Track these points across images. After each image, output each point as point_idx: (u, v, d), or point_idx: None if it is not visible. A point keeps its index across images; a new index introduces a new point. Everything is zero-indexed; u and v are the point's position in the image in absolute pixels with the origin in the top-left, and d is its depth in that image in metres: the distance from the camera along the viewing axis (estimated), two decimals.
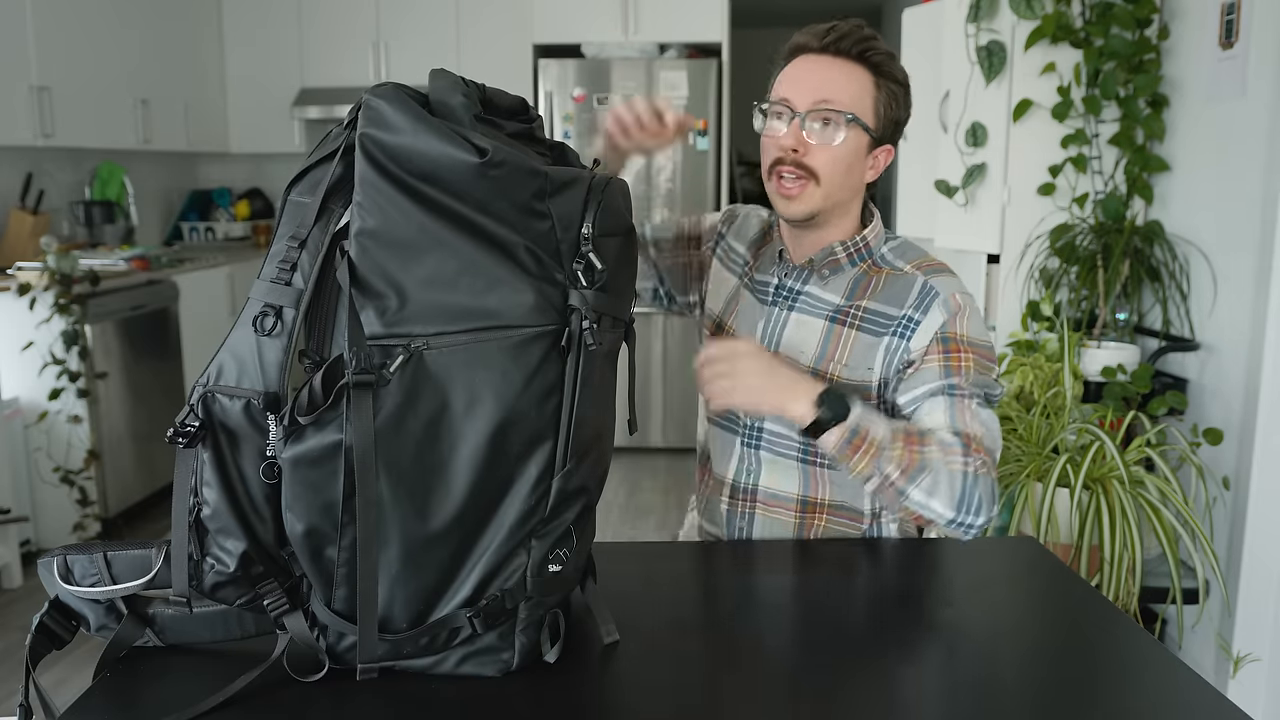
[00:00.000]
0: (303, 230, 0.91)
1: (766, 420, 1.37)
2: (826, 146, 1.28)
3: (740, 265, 1.46)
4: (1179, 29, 2.51)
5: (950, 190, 2.90)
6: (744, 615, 1.12)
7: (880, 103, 1.30)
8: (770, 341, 1.37)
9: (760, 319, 1.39)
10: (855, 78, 1.29)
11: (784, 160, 1.29)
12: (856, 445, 1.18)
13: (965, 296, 1.32)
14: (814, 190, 1.29)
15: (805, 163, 1.29)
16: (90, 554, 0.97)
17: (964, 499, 1.18)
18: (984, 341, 1.31)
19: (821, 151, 1.28)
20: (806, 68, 1.31)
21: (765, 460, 1.38)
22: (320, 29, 5.10)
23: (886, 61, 1.31)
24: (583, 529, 0.99)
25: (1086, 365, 2.47)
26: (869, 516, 1.38)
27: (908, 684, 0.97)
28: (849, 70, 1.29)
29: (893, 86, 1.31)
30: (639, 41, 4.71)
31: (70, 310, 3.33)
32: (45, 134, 3.74)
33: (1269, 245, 2.12)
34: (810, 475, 1.36)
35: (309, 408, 0.87)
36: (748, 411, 1.36)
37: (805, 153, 1.28)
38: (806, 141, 1.28)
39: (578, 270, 0.92)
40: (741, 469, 1.40)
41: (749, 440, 1.39)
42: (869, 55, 1.29)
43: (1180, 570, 2.03)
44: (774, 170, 1.31)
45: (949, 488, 1.18)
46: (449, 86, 0.93)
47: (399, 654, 0.94)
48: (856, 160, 1.31)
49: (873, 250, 1.36)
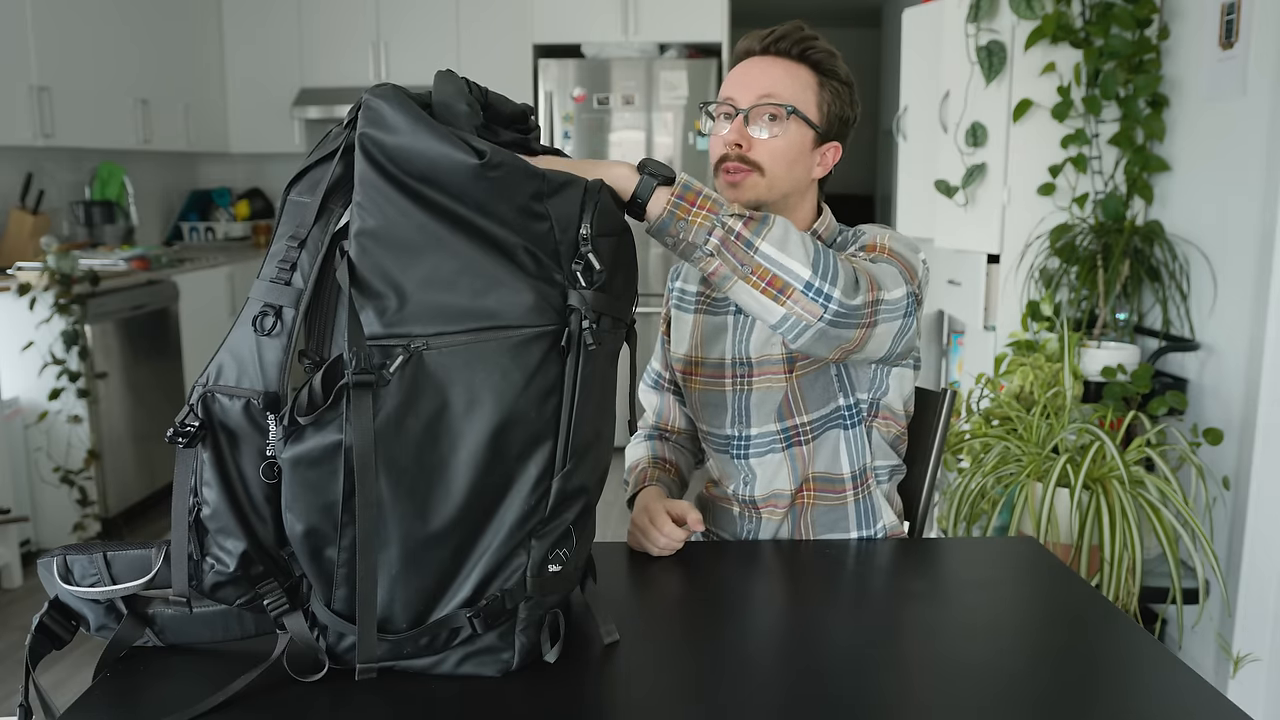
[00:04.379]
0: (302, 230, 0.91)
1: (752, 427, 1.39)
2: (769, 140, 1.31)
3: (693, 300, 1.48)
4: (1179, 29, 2.51)
5: (950, 190, 2.91)
6: (744, 615, 1.12)
7: (824, 100, 1.34)
8: (739, 348, 1.39)
9: (725, 330, 1.41)
10: (797, 75, 1.33)
11: (728, 157, 1.31)
12: (691, 199, 1.06)
13: (892, 232, 1.32)
14: (758, 179, 1.32)
15: (749, 157, 1.31)
16: (90, 554, 0.97)
17: (819, 260, 1.09)
18: (905, 254, 1.27)
19: (763, 145, 1.31)
20: (749, 69, 1.34)
21: (755, 466, 1.40)
22: (320, 29, 5.10)
23: (828, 59, 1.34)
24: (582, 529, 1.00)
25: (1086, 365, 2.47)
26: (850, 483, 1.39)
27: (908, 684, 0.97)
28: (790, 68, 1.33)
29: (836, 84, 1.34)
30: (639, 41, 4.71)
31: (70, 310, 3.33)
32: (45, 134, 3.74)
33: (1269, 245, 2.12)
34: (797, 459, 1.38)
35: (309, 408, 0.87)
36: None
37: (748, 148, 1.31)
38: (750, 136, 1.31)
39: (576, 271, 0.92)
40: (738, 480, 1.42)
41: (737, 452, 1.41)
42: (809, 54, 1.33)
43: (1180, 570, 2.03)
44: (720, 167, 1.33)
45: (803, 245, 1.09)
46: (454, 94, 0.93)
47: (399, 654, 0.94)
48: (801, 154, 1.34)
49: (826, 243, 1.39)
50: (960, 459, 2.35)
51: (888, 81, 6.24)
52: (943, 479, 2.34)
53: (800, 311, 1.09)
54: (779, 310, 1.09)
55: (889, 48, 6.14)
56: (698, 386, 1.44)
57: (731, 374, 1.39)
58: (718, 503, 1.47)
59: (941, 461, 1.51)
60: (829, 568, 1.27)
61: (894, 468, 1.44)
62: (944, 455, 1.58)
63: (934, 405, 1.49)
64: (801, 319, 1.09)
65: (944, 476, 2.35)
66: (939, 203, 3.00)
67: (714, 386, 1.41)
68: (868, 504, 1.40)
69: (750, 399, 1.38)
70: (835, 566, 1.28)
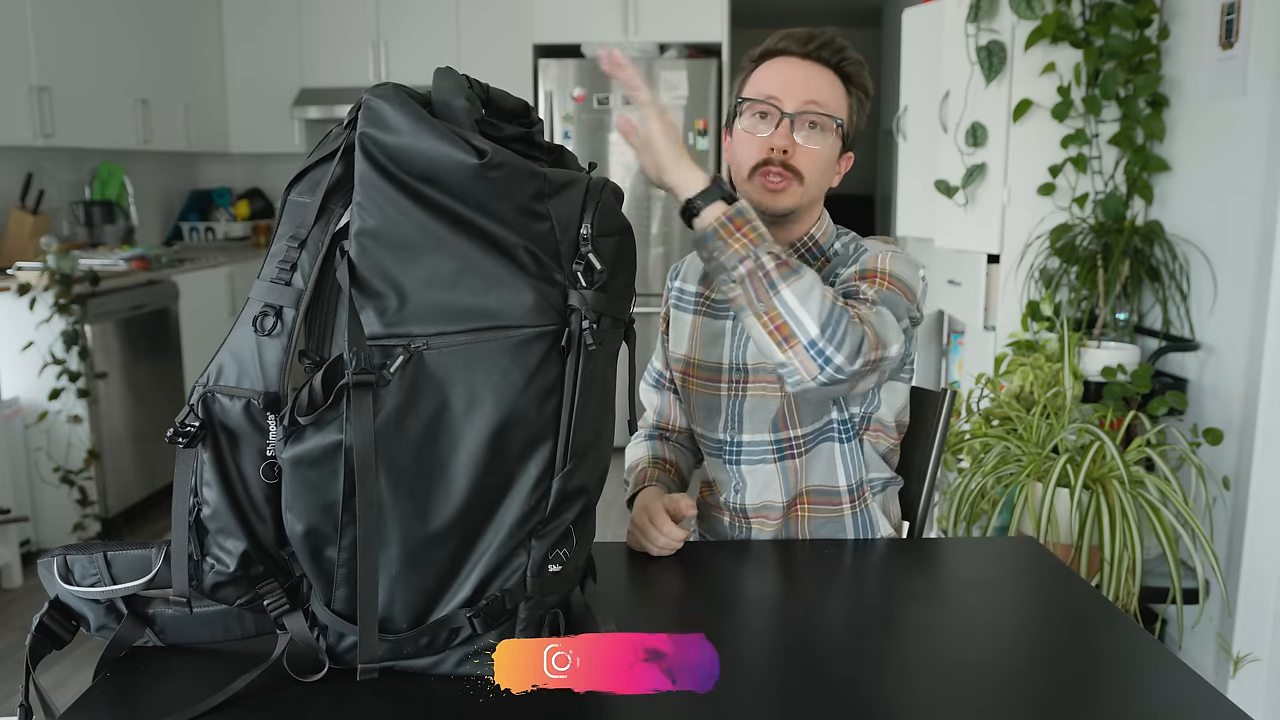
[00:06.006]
0: (302, 230, 0.91)
1: (744, 433, 1.38)
2: (812, 149, 1.30)
3: (693, 300, 1.47)
4: (1179, 29, 2.51)
5: (950, 190, 2.90)
6: (743, 615, 1.12)
7: (852, 110, 1.34)
8: (737, 354, 1.39)
9: (724, 335, 1.41)
10: (835, 85, 1.33)
11: (771, 161, 1.29)
12: (739, 224, 1.12)
13: (894, 250, 1.32)
14: (797, 189, 1.31)
15: (792, 164, 1.30)
16: (90, 554, 0.97)
17: (831, 322, 1.11)
18: (905, 276, 1.29)
19: (807, 154, 1.30)
20: (792, 70, 1.32)
21: (747, 474, 1.40)
22: (320, 29, 5.10)
23: (858, 71, 1.34)
24: (582, 529, 0.99)
25: (1086, 365, 2.47)
26: (846, 496, 1.38)
27: (908, 683, 0.97)
28: (829, 77, 1.32)
29: (861, 96, 1.35)
30: (639, 41, 4.71)
31: (70, 310, 3.33)
32: (45, 134, 3.74)
33: (1269, 245, 2.12)
34: (789, 472, 1.38)
35: (309, 408, 0.87)
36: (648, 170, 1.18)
37: (793, 154, 1.29)
38: (795, 143, 1.29)
39: (577, 271, 0.92)
40: (729, 488, 1.42)
41: (729, 457, 1.41)
42: (844, 65, 1.33)
43: (1180, 570, 2.03)
44: (759, 170, 1.30)
45: (820, 304, 1.11)
46: (453, 89, 0.93)
47: (399, 654, 0.94)
48: (830, 164, 1.35)
49: (823, 248, 1.39)
50: (960, 459, 2.35)
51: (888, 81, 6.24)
52: (943, 479, 2.34)
53: (798, 365, 1.12)
54: (779, 355, 1.13)
55: (889, 48, 6.13)
56: (694, 388, 1.44)
57: (728, 379, 1.39)
58: (710, 510, 1.47)
59: (941, 462, 1.51)
60: (829, 567, 1.27)
61: (888, 480, 1.43)
62: (944, 455, 1.58)
63: (934, 405, 1.49)
64: (797, 371, 1.12)
65: (944, 476, 2.35)
66: (939, 203, 3.00)
67: (710, 390, 1.41)
68: (865, 517, 1.40)
69: (744, 405, 1.38)
70: (835, 566, 1.28)
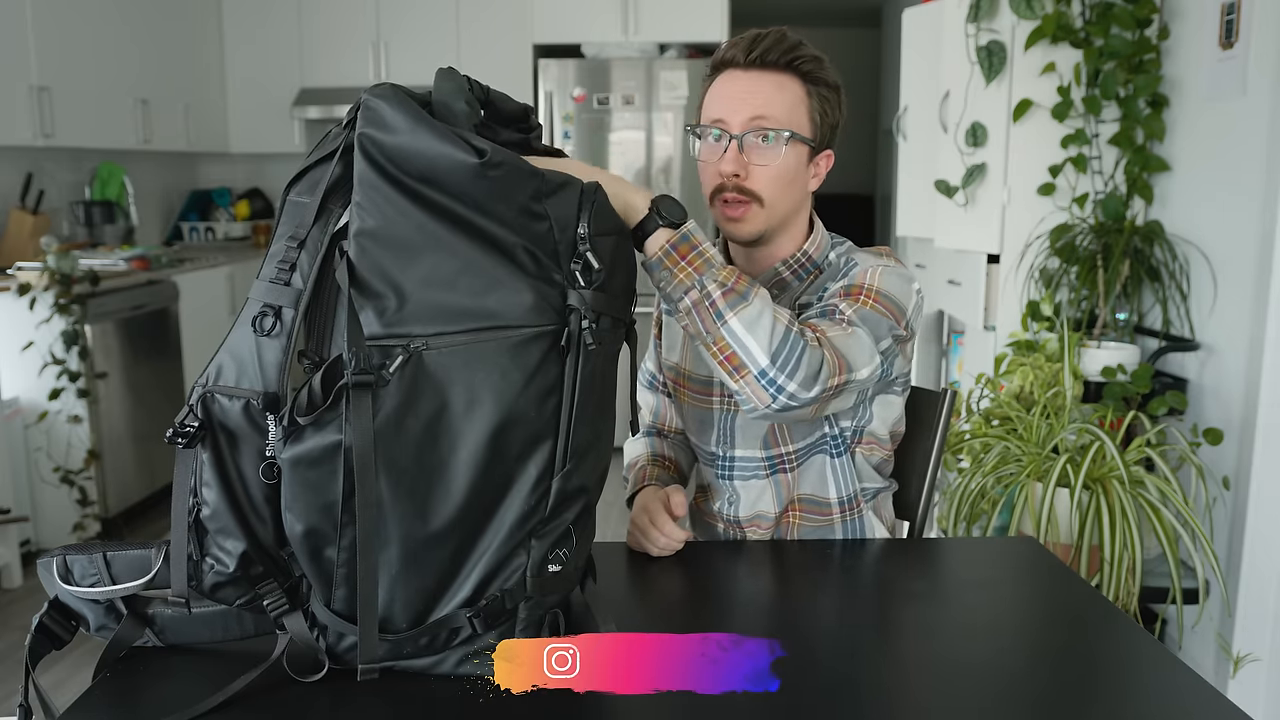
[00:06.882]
0: (302, 230, 0.91)
1: (736, 448, 1.37)
2: (766, 167, 1.25)
3: None
4: (1179, 29, 2.51)
5: (950, 190, 2.90)
6: (744, 615, 1.12)
7: (815, 110, 1.27)
8: None
9: None
10: (787, 89, 1.26)
11: (725, 187, 1.26)
12: (684, 251, 1.07)
13: (885, 264, 1.29)
14: (758, 211, 1.27)
15: (747, 187, 1.25)
16: (90, 554, 0.97)
17: (782, 351, 1.07)
18: (894, 292, 1.25)
19: (762, 173, 1.25)
20: (736, 85, 1.26)
21: (740, 488, 1.39)
22: (320, 29, 5.10)
23: (816, 67, 1.27)
24: (582, 529, 0.99)
25: (1086, 365, 2.47)
26: (837, 506, 1.37)
27: (908, 683, 0.97)
28: (779, 82, 1.25)
29: (824, 91, 1.28)
30: (639, 41, 4.71)
31: (70, 310, 3.32)
32: (45, 134, 3.74)
33: (1269, 245, 2.11)
34: (781, 485, 1.37)
35: (308, 408, 0.87)
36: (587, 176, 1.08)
37: (746, 177, 1.25)
38: (746, 164, 1.25)
39: (575, 270, 0.92)
40: (723, 499, 1.42)
41: (722, 472, 1.40)
42: (798, 64, 1.26)
43: (1180, 570, 2.03)
44: (716, 198, 1.28)
45: (771, 332, 1.07)
46: (453, 91, 0.93)
47: (399, 654, 0.94)
48: (798, 174, 1.29)
49: (817, 262, 1.35)
50: (960, 459, 2.35)
51: (888, 81, 6.24)
52: (943, 479, 2.34)
53: (750, 394, 1.10)
54: (732, 384, 1.11)
55: (889, 48, 6.13)
56: (687, 400, 1.43)
57: (720, 392, 1.37)
58: (704, 519, 1.47)
59: (941, 462, 1.50)
60: (829, 568, 1.27)
61: (880, 488, 1.42)
62: (944, 455, 1.58)
63: (934, 405, 1.49)
64: (750, 400, 1.10)
65: (944, 476, 2.35)
66: (939, 203, 3.00)
67: (702, 404, 1.40)
68: (856, 525, 1.39)
69: (735, 420, 1.36)
70: (835, 566, 1.28)
